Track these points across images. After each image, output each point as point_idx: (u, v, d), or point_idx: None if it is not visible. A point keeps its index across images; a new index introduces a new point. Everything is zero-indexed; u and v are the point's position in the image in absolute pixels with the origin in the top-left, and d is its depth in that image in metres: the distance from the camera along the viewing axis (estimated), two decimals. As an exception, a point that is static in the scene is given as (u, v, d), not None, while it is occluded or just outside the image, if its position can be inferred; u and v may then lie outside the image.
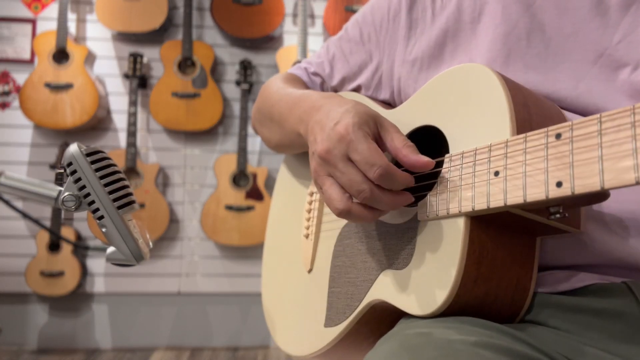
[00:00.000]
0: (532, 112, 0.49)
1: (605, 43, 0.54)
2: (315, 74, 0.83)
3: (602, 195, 0.44)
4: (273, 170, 2.68)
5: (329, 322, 0.66)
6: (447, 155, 0.52)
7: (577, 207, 0.48)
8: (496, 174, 0.45)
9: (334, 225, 0.70)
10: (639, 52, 0.53)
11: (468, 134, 0.50)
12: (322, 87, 0.84)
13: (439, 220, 0.51)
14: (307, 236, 0.76)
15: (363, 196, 0.51)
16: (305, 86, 0.84)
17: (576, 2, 0.56)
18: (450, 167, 0.51)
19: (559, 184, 0.40)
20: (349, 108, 0.55)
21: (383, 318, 0.62)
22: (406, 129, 0.60)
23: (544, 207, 0.45)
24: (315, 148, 0.56)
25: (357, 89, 0.79)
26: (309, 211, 0.77)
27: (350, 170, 0.52)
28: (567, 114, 0.54)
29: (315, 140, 0.57)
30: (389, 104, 0.76)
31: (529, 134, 0.43)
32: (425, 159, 0.51)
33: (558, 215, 0.44)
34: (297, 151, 0.82)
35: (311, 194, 0.79)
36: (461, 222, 0.48)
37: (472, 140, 0.50)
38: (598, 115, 0.38)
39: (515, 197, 0.43)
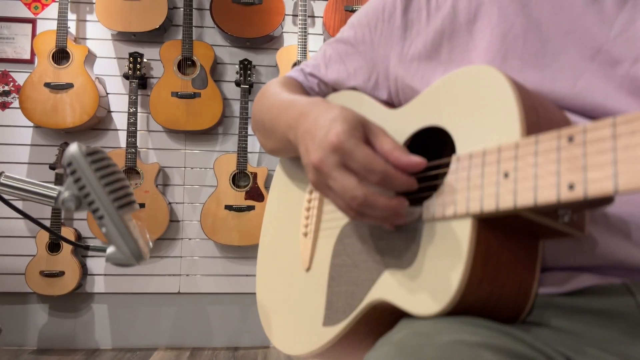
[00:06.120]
0: (540, 114, 0.48)
1: (602, 39, 0.54)
2: (312, 74, 0.83)
3: (608, 199, 0.44)
4: (273, 170, 2.67)
5: (328, 321, 0.66)
6: (454, 156, 0.52)
7: (584, 211, 0.48)
8: (506, 175, 0.45)
9: (334, 224, 0.70)
10: (636, 48, 0.53)
11: (476, 135, 0.50)
12: (319, 87, 0.84)
13: (445, 220, 0.51)
14: (305, 235, 0.76)
15: (357, 202, 0.51)
16: (301, 87, 0.84)
17: None
18: (457, 168, 0.51)
19: (571, 187, 0.40)
20: (337, 115, 0.55)
21: (383, 318, 0.62)
22: (410, 129, 0.60)
23: (553, 210, 0.45)
24: (309, 159, 0.56)
25: (353, 89, 0.79)
26: (308, 209, 0.77)
27: (344, 177, 0.52)
28: (567, 114, 0.54)
29: (307, 151, 0.57)
30: (388, 104, 0.76)
31: (539, 136, 0.43)
32: (416, 159, 0.51)
33: (566, 219, 0.44)
34: (293, 155, 0.82)
35: (310, 192, 0.79)
36: (468, 223, 0.47)
37: (480, 142, 0.49)
38: (612, 119, 0.38)
39: (525, 199, 0.43)
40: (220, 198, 2.58)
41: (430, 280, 0.50)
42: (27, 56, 2.68)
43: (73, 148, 0.53)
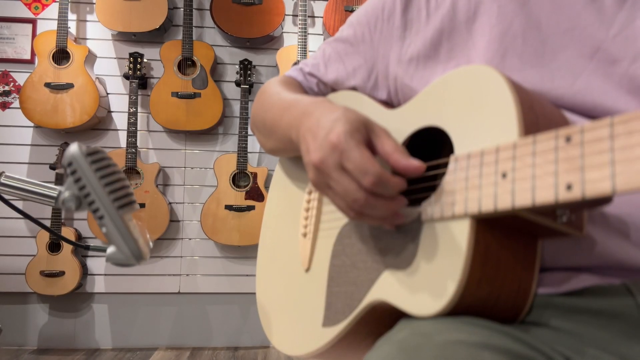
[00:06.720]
0: (538, 114, 0.48)
1: (601, 37, 0.54)
2: (311, 74, 0.83)
3: (606, 199, 0.44)
4: (273, 170, 2.67)
5: (328, 321, 0.66)
6: (452, 156, 0.52)
7: (583, 211, 0.48)
8: (504, 175, 0.45)
9: (334, 224, 0.70)
10: (635, 46, 0.53)
11: (474, 135, 0.50)
12: (318, 87, 0.83)
13: (444, 221, 0.51)
14: (304, 235, 0.76)
15: (358, 204, 0.51)
16: (301, 87, 0.83)
17: None
18: (455, 168, 0.51)
19: (569, 187, 0.40)
20: (339, 115, 0.55)
21: (383, 318, 0.62)
22: (409, 129, 0.60)
23: (551, 210, 0.45)
24: (309, 158, 0.56)
25: (353, 89, 0.79)
26: (307, 210, 0.77)
27: (344, 179, 0.52)
28: (566, 113, 0.54)
29: (308, 150, 0.57)
30: (387, 104, 0.76)
31: (537, 136, 0.43)
32: (415, 163, 0.51)
33: (565, 219, 0.44)
34: (292, 155, 0.82)
35: (309, 193, 0.79)
36: (466, 223, 0.47)
37: (478, 142, 0.49)
38: (609, 119, 0.38)
39: (523, 199, 0.43)
40: (220, 198, 2.58)
41: (429, 280, 0.50)
42: (28, 56, 2.68)
43: (73, 148, 0.53)
